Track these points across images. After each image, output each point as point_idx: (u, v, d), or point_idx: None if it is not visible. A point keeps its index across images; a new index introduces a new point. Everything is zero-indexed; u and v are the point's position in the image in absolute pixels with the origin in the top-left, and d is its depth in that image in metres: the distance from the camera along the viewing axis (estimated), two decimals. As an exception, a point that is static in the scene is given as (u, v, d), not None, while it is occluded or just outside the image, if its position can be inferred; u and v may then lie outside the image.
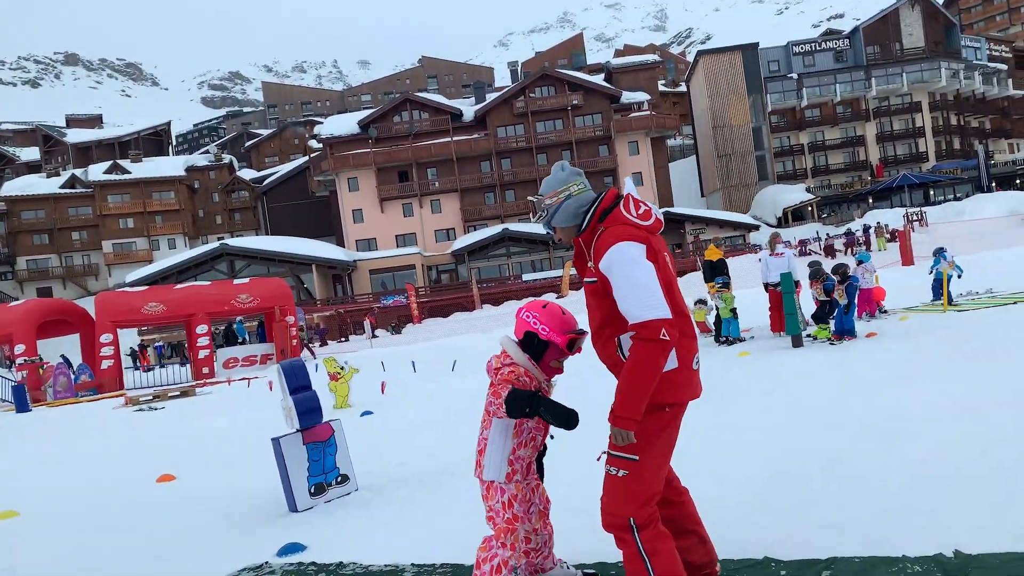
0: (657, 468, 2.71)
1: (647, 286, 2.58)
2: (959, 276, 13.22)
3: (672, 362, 2.67)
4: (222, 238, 62.54)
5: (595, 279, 2.70)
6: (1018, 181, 61.12)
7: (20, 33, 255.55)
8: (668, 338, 2.54)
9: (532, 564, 3.16)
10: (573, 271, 44.87)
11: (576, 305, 31.78)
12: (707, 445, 5.30)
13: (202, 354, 23.74)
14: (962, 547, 3.03)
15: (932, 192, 58.47)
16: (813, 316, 10.86)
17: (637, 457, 2.64)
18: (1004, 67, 71.01)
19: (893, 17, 65.89)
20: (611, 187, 2.87)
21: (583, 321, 3.08)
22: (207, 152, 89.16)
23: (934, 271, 13.31)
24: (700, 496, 4.22)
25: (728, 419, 6.22)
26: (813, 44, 67.18)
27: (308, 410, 5.18)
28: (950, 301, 12.59)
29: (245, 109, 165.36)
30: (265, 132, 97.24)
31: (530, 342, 3.00)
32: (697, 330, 14.40)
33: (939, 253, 13.48)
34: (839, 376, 7.69)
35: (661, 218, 2.85)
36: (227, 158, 79.27)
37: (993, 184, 59.60)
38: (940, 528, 3.23)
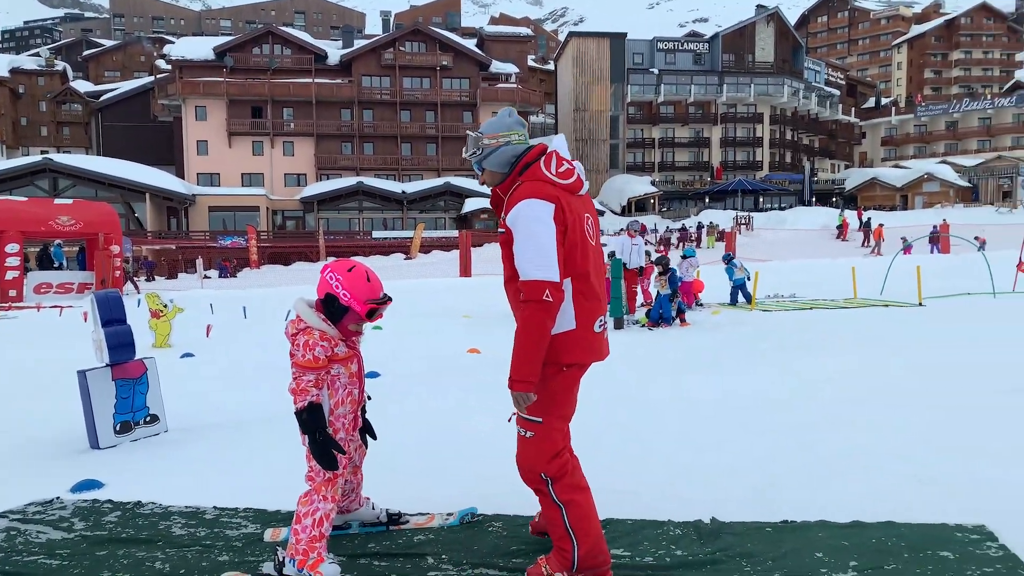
0: (560, 424, 2.86)
1: (543, 246, 2.62)
2: (748, 278, 14.44)
3: (570, 323, 2.74)
4: (46, 152, 56.99)
5: (505, 230, 2.74)
6: (834, 199, 67.38)
7: None
8: (551, 299, 2.61)
9: (339, 506, 3.32)
10: (424, 234, 44.79)
11: (424, 268, 31.69)
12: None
13: (10, 275, 21.67)
14: (719, 516, 3.48)
15: (762, 199, 63.23)
16: (650, 313, 11.41)
17: (541, 419, 2.79)
18: (837, 92, 77.60)
19: (750, 30, 70.09)
20: (541, 142, 2.88)
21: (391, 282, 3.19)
22: (37, 55, 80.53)
23: (733, 279, 14.38)
24: (500, 456, 4.54)
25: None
26: (676, 43, 70.28)
27: (120, 344, 5.00)
28: (749, 300, 13.87)
29: (87, 14, 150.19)
30: (108, 43, 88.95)
31: (330, 304, 2.99)
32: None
33: (730, 261, 14.58)
34: (646, 357, 8.36)
35: (584, 178, 2.86)
36: (60, 65, 72.12)
37: (814, 199, 65.47)
38: (705, 500, 3.67)
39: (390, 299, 3.06)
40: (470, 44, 62.68)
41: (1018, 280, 14.94)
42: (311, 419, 2.87)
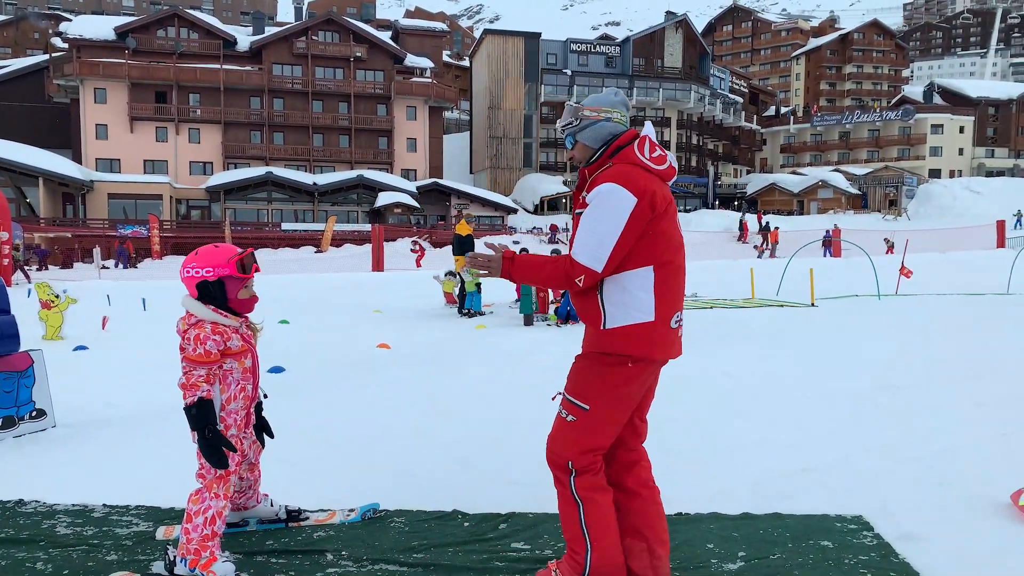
0: (608, 420, 2.65)
1: (606, 236, 2.52)
2: None
3: (648, 315, 2.58)
4: (-77, 130, 52.82)
5: (584, 209, 2.62)
6: (736, 203, 70.03)
7: None
8: (580, 286, 2.56)
9: (235, 503, 3.30)
10: (336, 227, 43.95)
11: (335, 262, 31.14)
12: (425, 404, 5.68)
13: None
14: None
15: (669, 201, 65.02)
16: (559, 310, 11.54)
17: (588, 407, 2.62)
18: (740, 100, 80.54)
19: (659, 36, 71.89)
20: (633, 128, 2.76)
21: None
22: (-88, 26, 74.71)
23: None
24: (404, 451, 4.56)
25: (448, 382, 6.69)
26: (589, 46, 71.35)
27: (2, 336, 4.76)
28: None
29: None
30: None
31: (205, 291, 2.95)
32: (445, 300, 14.85)
33: None
34: (556, 353, 8.50)
35: (675, 166, 2.74)
36: (-61, 38, 66.86)
37: (716, 202, 67.93)
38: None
39: (251, 248, 3.07)
40: (385, 36, 61.91)
41: (900, 283, 15.93)
42: (199, 415, 2.81)
